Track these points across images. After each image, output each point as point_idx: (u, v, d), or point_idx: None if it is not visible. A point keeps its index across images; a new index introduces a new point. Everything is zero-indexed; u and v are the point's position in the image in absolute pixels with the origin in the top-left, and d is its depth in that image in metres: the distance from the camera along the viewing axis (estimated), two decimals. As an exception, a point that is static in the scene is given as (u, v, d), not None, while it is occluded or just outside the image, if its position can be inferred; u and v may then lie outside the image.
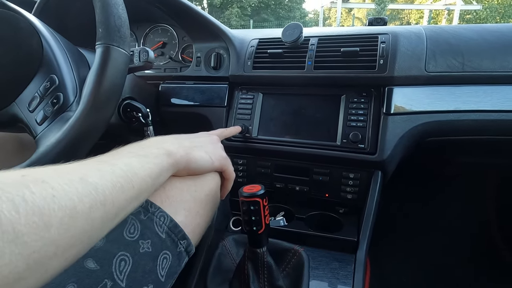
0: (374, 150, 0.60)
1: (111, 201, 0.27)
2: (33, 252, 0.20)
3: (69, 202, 0.23)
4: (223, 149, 0.51)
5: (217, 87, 0.74)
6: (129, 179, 0.30)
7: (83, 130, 0.41)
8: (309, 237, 0.62)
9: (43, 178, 0.23)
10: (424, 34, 0.63)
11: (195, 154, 0.43)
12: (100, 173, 0.28)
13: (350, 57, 0.63)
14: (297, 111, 0.67)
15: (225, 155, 0.50)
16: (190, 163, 0.42)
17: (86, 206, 0.24)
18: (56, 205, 0.22)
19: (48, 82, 0.45)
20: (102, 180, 0.27)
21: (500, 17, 14.82)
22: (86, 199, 0.25)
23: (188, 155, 0.41)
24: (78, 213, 0.24)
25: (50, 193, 0.22)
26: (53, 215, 0.22)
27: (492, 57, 0.60)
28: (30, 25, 0.46)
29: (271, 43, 0.71)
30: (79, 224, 0.24)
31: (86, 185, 0.25)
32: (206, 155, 0.45)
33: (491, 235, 1.02)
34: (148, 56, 0.52)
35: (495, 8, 15.27)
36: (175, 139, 0.43)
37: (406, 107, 0.60)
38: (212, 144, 0.49)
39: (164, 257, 0.38)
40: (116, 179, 0.29)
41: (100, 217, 0.26)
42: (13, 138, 0.65)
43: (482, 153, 0.77)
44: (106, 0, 0.42)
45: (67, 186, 0.24)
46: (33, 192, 0.21)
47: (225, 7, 17.45)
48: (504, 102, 0.59)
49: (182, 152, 0.41)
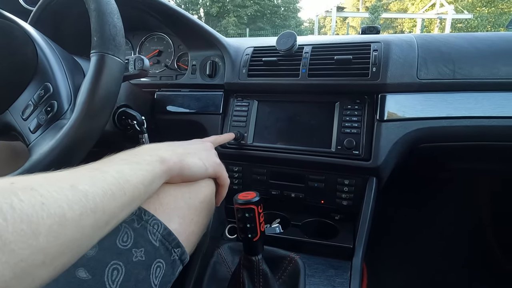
0: (369, 157, 0.61)
1: (101, 209, 0.27)
2: (21, 260, 0.20)
3: (58, 210, 0.23)
4: (217, 156, 0.51)
5: (212, 94, 0.75)
6: (121, 186, 0.30)
7: (77, 138, 0.41)
8: (305, 244, 0.61)
9: (32, 185, 0.23)
10: (415, 42, 0.65)
11: (188, 160, 0.43)
12: (91, 180, 0.28)
13: (343, 65, 0.64)
14: (292, 118, 0.68)
15: (219, 161, 0.50)
16: (183, 169, 0.42)
17: (76, 214, 0.24)
18: (45, 213, 0.22)
19: (42, 90, 0.45)
20: (93, 187, 0.27)
21: (490, 25, 15.16)
22: (76, 206, 0.24)
23: (181, 162, 0.41)
24: (67, 221, 0.23)
25: (39, 200, 0.22)
26: (41, 222, 0.21)
27: (482, 64, 0.61)
28: (25, 33, 0.47)
29: (265, 51, 0.72)
30: (68, 232, 0.23)
31: (76, 192, 0.25)
32: (199, 162, 0.45)
33: (485, 240, 1.03)
34: (143, 64, 0.53)
35: (486, 17, 15.64)
36: (169, 146, 0.43)
37: (399, 114, 0.61)
38: (206, 150, 0.49)
39: (157, 265, 0.37)
40: (107, 186, 0.28)
41: (91, 224, 0.26)
42: (5, 146, 0.64)
43: (475, 159, 0.78)
44: (101, 9, 0.43)
45: (57, 193, 0.24)
46: (21, 200, 0.21)
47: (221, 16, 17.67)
48: (495, 109, 0.60)
49: (175, 159, 0.40)
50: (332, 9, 15.22)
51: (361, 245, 0.57)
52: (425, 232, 1.05)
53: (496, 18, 15.27)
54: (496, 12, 15.92)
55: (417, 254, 1.04)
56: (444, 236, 1.04)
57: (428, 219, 1.07)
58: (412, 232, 1.07)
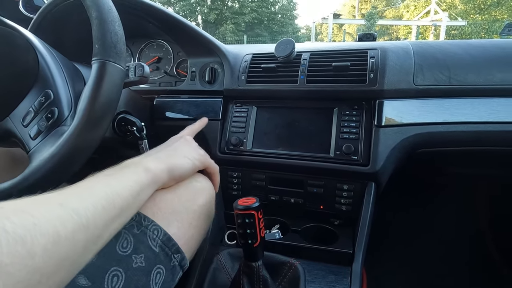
0: (367, 162, 0.61)
1: (93, 223, 0.27)
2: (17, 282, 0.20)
3: (51, 229, 0.23)
4: (199, 147, 0.52)
5: (211, 100, 0.75)
6: (110, 199, 0.30)
7: (77, 144, 0.41)
8: (304, 249, 0.61)
9: (22, 208, 0.23)
10: (411, 49, 0.66)
11: (174, 162, 0.44)
12: (80, 197, 0.28)
13: (341, 71, 0.65)
14: (290, 124, 0.68)
15: (203, 152, 0.51)
16: (173, 172, 0.43)
17: (69, 231, 0.24)
18: (39, 232, 0.22)
19: (43, 97, 0.45)
20: (83, 203, 0.27)
21: (484, 32, 15.41)
22: (69, 223, 0.25)
23: (168, 167, 0.42)
24: (61, 238, 0.23)
25: (31, 221, 0.22)
26: (36, 242, 0.21)
27: (476, 71, 0.63)
28: (27, 41, 0.47)
29: (264, 58, 0.72)
30: (63, 250, 0.24)
31: (67, 210, 0.25)
32: (185, 160, 0.46)
33: (485, 245, 1.03)
34: (144, 71, 0.53)
35: (480, 24, 15.90)
36: (152, 155, 0.44)
37: (397, 119, 0.62)
38: (187, 145, 0.50)
39: (157, 271, 0.37)
40: (97, 201, 0.29)
41: (84, 239, 0.26)
42: (4, 153, 0.64)
43: (472, 164, 0.78)
44: (103, 17, 0.43)
45: (48, 213, 0.24)
46: (13, 222, 0.21)
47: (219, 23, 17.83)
48: (491, 114, 0.61)
49: (161, 166, 0.41)
50: (329, 16, 15.43)
51: (361, 250, 0.57)
52: (424, 237, 1.06)
53: (489, 25, 15.53)
54: (490, 19, 16.21)
55: (416, 259, 1.04)
56: (443, 241, 1.04)
57: (427, 224, 1.07)
58: (411, 236, 1.07)
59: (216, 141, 0.72)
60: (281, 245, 0.63)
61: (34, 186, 0.41)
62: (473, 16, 17.00)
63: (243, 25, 17.82)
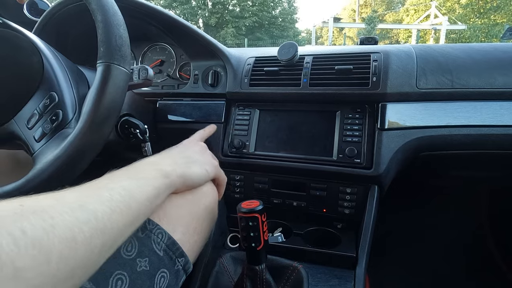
0: (370, 165, 0.61)
1: (110, 228, 0.27)
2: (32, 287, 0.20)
3: (69, 233, 0.23)
4: (211, 155, 0.53)
5: (214, 103, 0.75)
6: (128, 203, 0.30)
7: (81, 146, 0.41)
8: (307, 253, 0.61)
9: (42, 207, 0.23)
10: (414, 53, 0.66)
11: (190, 171, 0.44)
12: (100, 199, 0.28)
13: (344, 75, 0.65)
14: (293, 127, 0.68)
15: (216, 162, 0.51)
16: (187, 180, 0.43)
17: (86, 236, 0.24)
18: (56, 237, 0.22)
19: (48, 100, 0.45)
20: (102, 206, 0.27)
21: (484, 36, 15.47)
22: (86, 227, 0.25)
23: (184, 174, 0.42)
24: (78, 244, 0.23)
25: (49, 224, 0.22)
26: (52, 247, 0.21)
27: (479, 74, 0.63)
28: (32, 44, 0.47)
29: (267, 61, 0.73)
30: (78, 255, 0.23)
31: (86, 213, 0.25)
32: (200, 169, 0.46)
33: (487, 248, 1.02)
34: (148, 73, 0.53)
35: (479, 28, 15.97)
36: (169, 158, 0.44)
37: (400, 123, 0.62)
38: (202, 154, 0.50)
39: (161, 275, 0.37)
40: (115, 204, 0.29)
41: (100, 245, 0.26)
42: (8, 155, 0.64)
43: (474, 167, 0.78)
44: (108, 20, 0.43)
45: (67, 215, 0.24)
46: (32, 224, 0.21)
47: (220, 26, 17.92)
48: (493, 117, 0.61)
49: (178, 171, 0.41)
50: (329, 20, 15.50)
51: (364, 254, 0.57)
52: (426, 240, 1.05)
53: (489, 29, 15.60)
54: (489, 23, 16.28)
55: (418, 262, 1.03)
56: (446, 244, 1.04)
57: (429, 227, 1.07)
58: (413, 239, 1.06)
59: (219, 144, 0.72)
60: (284, 248, 0.62)
61: (38, 188, 0.41)
62: (472, 20, 17.08)
63: (243, 28, 17.91)
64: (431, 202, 1.06)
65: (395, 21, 22.81)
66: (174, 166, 0.41)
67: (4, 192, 0.41)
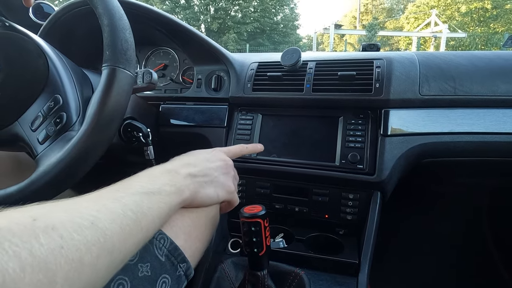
0: (373, 171, 0.61)
1: (118, 248, 0.27)
2: None
3: (76, 254, 0.22)
4: (235, 177, 0.49)
5: (217, 108, 0.76)
6: (138, 221, 0.30)
7: (85, 149, 0.41)
8: (309, 259, 0.60)
9: (54, 223, 0.22)
10: (416, 60, 0.66)
11: (203, 192, 0.42)
12: (112, 215, 0.27)
13: (347, 81, 0.65)
14: (296, 132, 0.68)
15: (233, 188, 0.48)
16: (196, 199, 0.41)
17: (93, 256, 0.24)
18: (63, 258, 0.21)
19: (52, 102, 0.45)
20: (112, 224, 0.27)
21: (483, 44, 15.58)
22: (94, 248, 0.24)
23: (196, 193, 0.40)
24: (84, 266, 0.23)
25: (58, 244, 0.21)
26: (59, 270, 0.21)
27: (481, 82, 0.63)
28: (38, 46, 0.48)
29: (270, 66, 0.73)
30: (84, 277, 0.23)
31: (96, 232, 0.25)
32: (213, 193, 0.43)
33: (490, 256, 1.01)
34: (152, 77, 0.54)
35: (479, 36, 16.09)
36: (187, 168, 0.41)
37: (403, 129, 0.62)
38: (225, 174, 0.46)
39: (163, 281, 0.37)
40: (125, 222, 0.28)
41: (107, 265, 0.25)
42: (9, 156, 0.64)
43: (477, 174, 0.78)
44: (114, 24, 0.44)
45: (76, 233, 0.23)
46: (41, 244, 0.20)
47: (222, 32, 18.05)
48: (497, 125, 0.61)
49: (192, 189, 0.39)
50: (330, 27, 15.62)
51: (367, 260, 0.57)
52: (428, 247, 1.04)
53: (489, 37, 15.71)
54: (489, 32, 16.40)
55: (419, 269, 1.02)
56: (449, 251, 1.03)
57: (430, 234, 1.06)
58: (415, 246, 1.06)
59: (221, 148, 0.72)
60: (286, 254, 0.62)
61: (41, 190, 0.41)
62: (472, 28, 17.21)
63: (245, 34, 18.05)
64: (434, 209, 1.05)
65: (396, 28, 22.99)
66: (190, 182, 0.39)
67: (6, 194, 0.41)
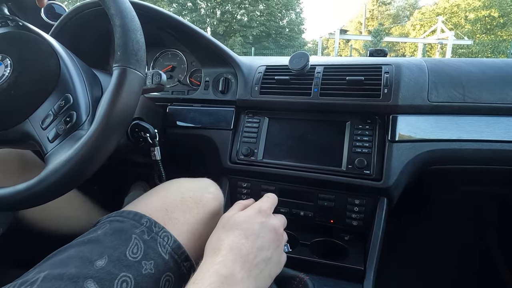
0: (380, 177, 0.60)
1: None
2: None
3: None
4: (283, 240, 0.45)
5: (224, 110, 0.76)
6: None
7: (94, 148, 0.41)
8: (314, 264, 0.60)
9: None
10: (425, 66, 0.66)
11: (259, 284, 0.37)
12: None
13: (355, 86, 0.65)
14: (302, 136, 0.68)
15: (284, 259, 0.45)
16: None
17: None
18: None
19: (63, 101, 0.45)
20: None
21: (490, 52, 15.49)
22: None
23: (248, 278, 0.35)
24: None
25: None
26: None
27: (490, 89, 0.62)
28: (50, 46, 0.48)
29: (278, 70, 0.73)
30: None
31: None
32: (268, 277, 0.39)
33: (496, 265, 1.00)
34: (161, 79, 0.54)
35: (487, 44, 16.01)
36: (246, 260, 0.35)
37: (411, 135, 0.61)
38: (277, 248, 0.42)
39: (166, 279, 0.37)
40: None
41: None
42: (16, 155, 0.65)
43: (486, 182, 0.77)
44: (126, 25, 0.44)
45: None
46: None
47: (228, 35, 18.17)
48: (506, 133, 0.60)
49: (246, 283, 0.34)
50: (336, 32, 15.64)
51: (372, 267, 0.56)
52: (433, 254, 1.03)
53: (496, 45, 15.63)
54: (496, 40, 16.32)
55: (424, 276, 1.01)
56: (455, 260, 1.02)
57: (437, 241, 1.05)
58: (420, 253, 1.04)
59: (227, 151, 0.72)
60: (290, 259, 0.61)
61: (50, 188, 0.41)
62: (479, 36, 17.14)
63: (251, 37, 18.14)
64: (440, 216, 1.04)
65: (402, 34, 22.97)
66: (248, 284, 0.34)
67: (15, 191, 0.41)
